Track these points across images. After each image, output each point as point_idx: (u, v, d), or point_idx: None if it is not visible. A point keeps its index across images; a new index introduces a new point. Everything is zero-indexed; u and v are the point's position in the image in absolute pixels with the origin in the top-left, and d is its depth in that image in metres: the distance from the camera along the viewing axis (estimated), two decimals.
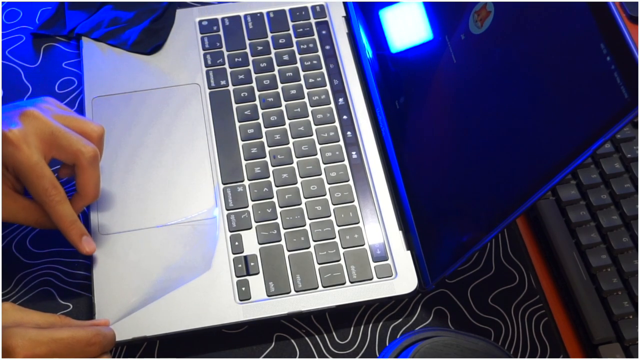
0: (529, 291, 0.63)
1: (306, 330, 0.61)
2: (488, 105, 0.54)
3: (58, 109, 0.59)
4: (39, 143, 0.55)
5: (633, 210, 0.64)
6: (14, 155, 0.54)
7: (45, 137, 0.55)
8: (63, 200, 0.57)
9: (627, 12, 0.77)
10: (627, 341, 0.59)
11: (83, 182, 0.58)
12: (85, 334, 0.52)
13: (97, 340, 0.52)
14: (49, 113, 0.57)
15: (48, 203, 0.56)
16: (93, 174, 0.58)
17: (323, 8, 0.75)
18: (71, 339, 0.51)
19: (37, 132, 0.55)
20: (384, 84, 0.69)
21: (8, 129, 0.54)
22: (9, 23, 0.75)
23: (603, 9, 0.45)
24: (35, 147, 0.54)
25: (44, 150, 0.55)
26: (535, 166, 0.50)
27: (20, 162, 0.54)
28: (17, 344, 0.48)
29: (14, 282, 0.62)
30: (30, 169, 0.54)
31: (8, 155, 0.54)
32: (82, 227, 0.59)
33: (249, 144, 0.67)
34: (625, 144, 0.67)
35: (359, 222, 0.64)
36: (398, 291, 0.61)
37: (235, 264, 0.61)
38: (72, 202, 0.58)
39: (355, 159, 0.67)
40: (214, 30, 0.74)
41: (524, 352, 0.61)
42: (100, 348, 0.53)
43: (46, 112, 0.57)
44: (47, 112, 0.57)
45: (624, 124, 0.44)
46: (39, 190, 0.55)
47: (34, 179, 0.55)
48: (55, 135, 0.56)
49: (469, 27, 0.57)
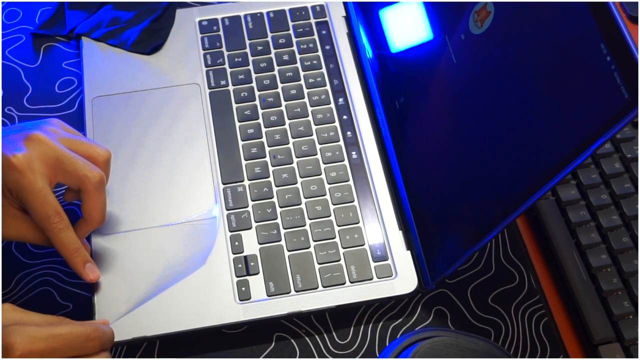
0: (529, 291, 0.63)
1: (306, 330, 0.61)
2: (488, 105, 0.54)
3: (64, 132, 0.58)
4: (44, 168, 0.54)
5: (633, 210, 0.64)
6: (18, 181, 0.53)
7: (50, 162, 0.55)
8: (66, 227, 0.56)
9: (627, 12, 0.77)
10: (627, 341, 0.59)
11: (89, 207, 0.57)
12: (84, 330, 0.52)
13: (96, 335, 0.52)
14: (54, 136, 0.56)
15: (51, 230, 0.55)
16: (99, 198, 0.57)
17: (323, 8, 0.75)
18: (70, 334, 0.51)
19: (42, 157, 0.54)
20: (384, 84, 0.69)
21: (12, 154, 0.53)
22: (9, 23, 0.75)
23: (603, 9, 0.45)
24: (39, 172, 0.54)
25: (49, 176, 0.55)
26: (535, 166, 0.50)
27: (24, 188, 0.54)
28: (15, 341, 0.48)
29: (14, 282, 0.62)
30: (34, 196, 0.54)
31: (12, 180, 0.54)
32: (85, 255, 0.58)
33: (249, 144, 0.67)
34: (625, 144, 0.67)
35: (359, 222, 0.64)
36: (398, 291, 0.61)
37: (235, 264, 0.61)
38: (77, 228, 0.58)
39: (355, 159, 0.67)
40: (214, 30, 0.74)
41: (524, 352, 0.61)
42: (100, 344, 0.53)
43: (52, 135, 0.56)
44: (53, 135, 0.56)
45: (624, 124, 0.44)
46: (42, 217, 0.55)
47: (38, 205, 0.54)
48: (61, 160, 0.55)
49: (469, 27, 0.57)
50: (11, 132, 0.56)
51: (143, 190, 0.65)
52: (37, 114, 0.70)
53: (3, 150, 0.54)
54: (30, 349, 0.48)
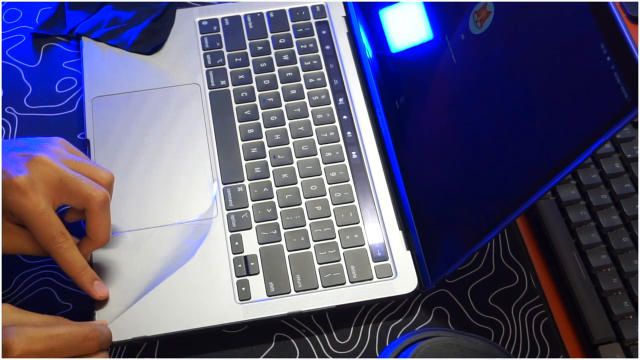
0: (529, 291, 0.63)
1: (306, 330, 0.61)
2: (488, 105, 0.54)
3: (68, 153, 0.58)
4: (47, 190, 0.54)
5: (633, 210, 0.64)
6: (21, 202, 0.53)
7: (53, 183, 0.54)
8: (71, 247, 0.56)
9: (627, 12, 0.77)
10: (627, 341, 0.59)
11: (94, 227, 0.57)
12: (82, 330, 0.52)
13: (94, 335, 0.53)
14: (58, 158, 0.56)
15: (56, 250, 0.55)
16: (104, 217, 0.57)
17: (323, 8, 0.75)
18: (68, 334, 0.51)
19: (45, 178, 0.54)
20: (384, 84, 0.69)
21: (15, 176, 0.53)
22: (9, 23, 0.75)
23: (603, 9, 0.45)
24: (42, 194, 0.54)
25: (52, 197, 0.55)
26: (535, 166, 0.50)
27: (27, 210, 0.54)
28: (13, 341, 0.48)
29: (14, 282, 0.62)
30: (37, 217, 0.54)
31: (14, 201, 0.53)
32: (92, 273, 0.58)
33: (249, 144, 0.67)
34: (625, 144, 0.67)
35: (359, 222, 0.64)
36: (398, 291, 0.61)
37: (235, 264, 0.61)
38: (81, 246, 0.57)
39: (355, 159, 0.67)
40: (214, 30, 0.74)
41: (524, 352, 0.61)
42: (98, 344, 0.53)
43: (55, 156, 0.56)
44: (57, 156, 0.56)
45: (624, 124, 0.44)
46: (47, 237, 0.55)
47: (41, 226, 0.54)
48: (64, 181, 0.55)
49: (469, 27, 0.57)
50: (14, 149, 0.56)
51: (143, 190, 0.65)
52: (37, 114, 0.70)
53: (6, 169, 0.54)
54: (29, 349, 0.48)
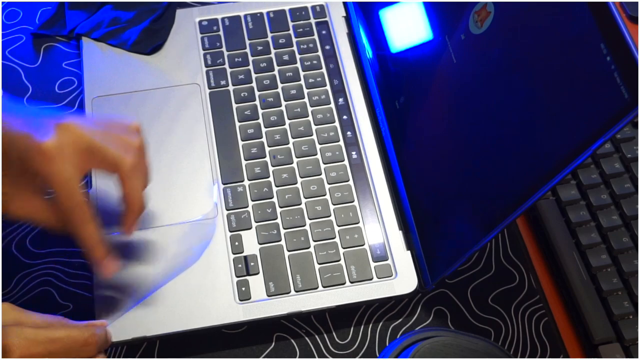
0: (529, 291, 0.63)
1: (306, 330, 0.61)
2: (488, 105, 0.54)
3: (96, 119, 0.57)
4: (75, 156, 0.52)
5: (633, 210, 0.63)
6: (47, 168, 0.51)
7: (82, 148, 0.52)
8: (90, 220, 0.54)
9: (627, 12, 0.77)
10: (627, 341, 0.59)
11: (127, 192, 0.55)
12: (82, 335, 0.52)
13: (93, 340, 0.53)
14: (87, 123, 0.54)
15: (74, 222, 0.54)
16: (136, 182, 0.55)
17: (323, 8, 0.75)
18: (68, 338, 0.51)
19: (73, 144, 0.52)
20: (384, 84, 0.69)
21: (43, 140, 0.51)
22: (9, 23, 0.75)
23: (603, 9, 0.45)
24: (69, 161, 0.52)
25: (79, 164, 0.53)
26: (535, 166, 0.50)
27: (53, 175, 0.52)
28: (13, 343, 0.48)
29: (14, 282, 0.62)
30: (62, 185, 0.52)
31: (40, 167, 0.51)
32: (104, 250, 0.56)
33: (249, 144, 0.67)
34: (625, 144, 0.67)
35: (359, 222, 0.64)
36: (398, 291, 0.61)
37: (235, 264, 0.61)
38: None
39: (355, 159, 0.67)
40: (214, 30, 0.74)
41: (524, 352, 0.61)
42: (97, 348, 0.53)
43: (84, 121, 0.54)
44: (85, 121, 0.54)
45: (624, 124, 0.44)
46: (68, 207, 0.53)
47: (64, 194, 0.52)
48: (93, 145, 0.53)
49: (469, 27, 0.57)
50: (42, 115, 0.53)
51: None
52: None
53: (33, 134, 0.51)
54: (29, 352, 0.48)
